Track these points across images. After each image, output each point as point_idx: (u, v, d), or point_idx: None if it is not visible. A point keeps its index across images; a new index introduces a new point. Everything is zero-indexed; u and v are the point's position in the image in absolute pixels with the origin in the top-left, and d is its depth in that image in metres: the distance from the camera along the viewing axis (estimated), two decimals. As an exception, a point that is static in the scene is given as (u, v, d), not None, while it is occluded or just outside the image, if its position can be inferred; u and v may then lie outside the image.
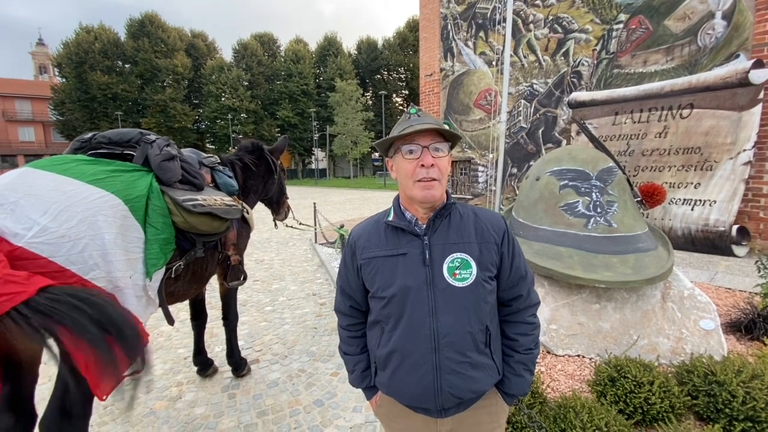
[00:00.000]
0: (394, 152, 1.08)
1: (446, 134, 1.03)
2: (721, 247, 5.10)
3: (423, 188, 1.01)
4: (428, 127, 0.99)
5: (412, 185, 1.02)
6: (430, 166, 1.00)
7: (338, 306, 1.23)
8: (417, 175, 1.00)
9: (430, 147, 1.00)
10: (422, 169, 1.00)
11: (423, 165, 1.00)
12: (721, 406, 1.77)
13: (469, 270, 1.02)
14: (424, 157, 1.00)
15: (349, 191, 26.01)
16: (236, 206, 2.21)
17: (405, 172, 1.03)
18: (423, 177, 1.00)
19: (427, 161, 0.99)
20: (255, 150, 2.82)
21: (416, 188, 1.02)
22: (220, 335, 3.48)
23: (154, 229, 1.67)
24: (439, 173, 1.01)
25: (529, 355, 1.12)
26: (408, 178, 1.02)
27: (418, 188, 1.01)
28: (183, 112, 40.47)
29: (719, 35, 5.31)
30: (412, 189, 1.03)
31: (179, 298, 2.07)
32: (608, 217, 2.68)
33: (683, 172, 5.53)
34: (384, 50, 48.70)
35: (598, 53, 6.72)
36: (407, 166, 1.02)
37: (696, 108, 5.40)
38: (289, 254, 7.11)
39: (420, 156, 1.00)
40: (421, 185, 1.01)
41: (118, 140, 1.83)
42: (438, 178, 1.01)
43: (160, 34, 39.66)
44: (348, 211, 14.01)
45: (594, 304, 2.63)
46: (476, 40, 8.66)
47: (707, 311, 2.47)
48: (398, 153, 1.05)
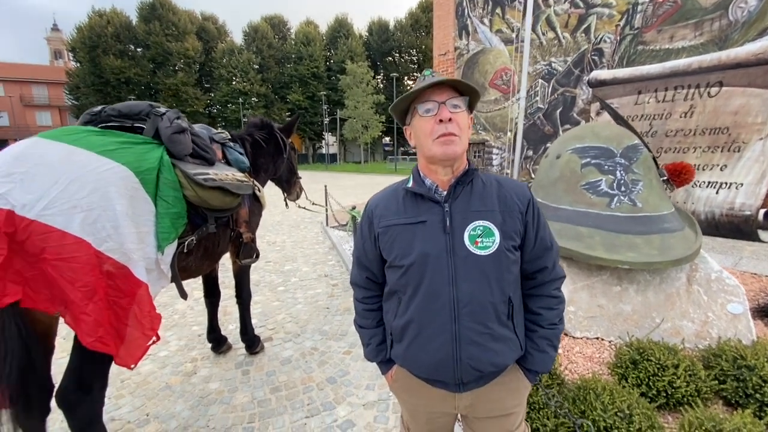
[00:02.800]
0: (411, 117, 1.03)
1: (463, 88, 0.97)
2: (747, 231, 4.91)
3: (442, 143, 0.96)
4: (443, 79, 0.94)
5: (431, 144, 0.97)
6: (449, 121, 0.94)
7: (354, 278, 1.20)
8: (436, 132, 0.96)
9: (447, 102, 0.96)
10: (441, 125, 0.95)
11: (441, 120, 0.95)
12: (751, 391, 1.70)
13: (491, 238, 0.97)
14: (441, 112, 0.95)
15: (359, 176, 25.91)
16: (248, 182, 2.17)
17: (423, 131, 0.98)
18: (441, 133, 0.95)
19: (445, 115, 0.95)
20: (265, 127, 2.77)
21: (436, 145, 0.97)
22: (233, 313, 3.51)
23: (165, 202, 1.64)
24: (458, 128, 0.96)
25: (554, 330, 1.06)
26: (427, 137, 0.97)
27: (437, 145, 0.96)
28: (195, 96, 40.60)
29: (752, 8, 4.98)
30: (431, 148, 0.97)
31: (192, 273, 2.06)
32: (633, 196, 2.57)
33: (709, 154, 5.29)
34: (396, 32, 47.68)
35: (621, 29, 6.40)
36: (425, 125, 0.97)
37: (725, 86, 5.12)
38: (300, 236, 7.13)
39: (437, 112, 0.95)
40: (440, 141, 0.96)
41: (127, 113, 1.79)
42: (458, 134, 0.95)
43: (170, 17, 39.47)
44: (359, 195, 13.98)
45: (615, 286, 2.54)
46: (492, 17, 8.34)
47: (736, 295, 2.37)
48: (415, 115, 1.00)
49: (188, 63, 40.52)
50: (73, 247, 1.30)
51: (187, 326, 3.34)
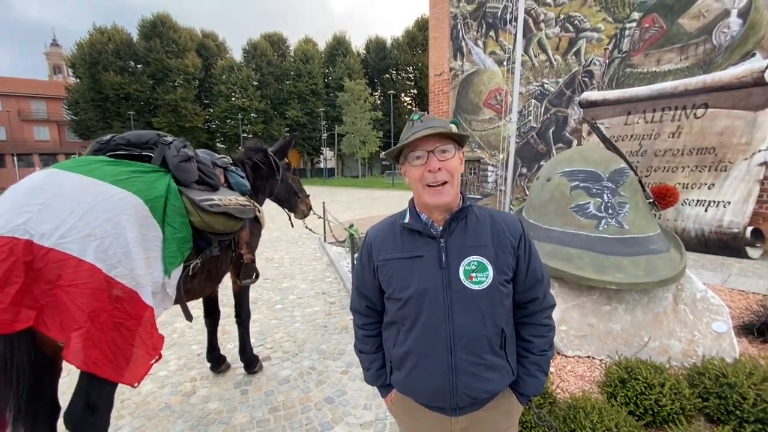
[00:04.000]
0: (403, 159, 1.09)
1: (452, 135, 1.03)
2: (735, 248, 5.03)
3: (433, 194, 1.02)
4: (429, 133, 0.99)
5: (422, 190, 1.04)
6: (437, 170, 1.00)
7: (354, 305, 1.25)
8: (425, 179, 1.02)
9: (435, 150, 1.00)
10: (430, 174, 1.01)
11: (430, 170, 1.01)
12: (732, 408, 1.77)
13: (485, 273, 1.03)
14: (430, 162, 1.01)
15: (357, 190, 26.06)
16: (250, 206, 2.26)
17: (414, 177, 1.05)
18: (431, 182, 1.01)
19: (434, 166, 1.00)
20: (260, 151, 2.87)
21: (426, 194, 1.03)
22: (232, 332, 3.55)
23: (172, 228, 1.72)
24: (448, 175, 1.01)
25: (544, 357, 1.13)
26: (417, 183, 1.04)
27: (428, 194, 1.03)
28: (194, 111, 40.99)
29: (735, 34, 5.22)
30: (422, 194, 1.04)
31: (195, 295, 2.13)
32: (620, 218, 2.67)
33: (697, 173, 5.46)
34: (393, 49, 48.65)
35: (610, 52, 6.65)
36: (415, 172, 1.04)
37: (710, 108, 5.32)
38: (298, 253, 7.18)
39: (426, 161, 1.01)
40: (430, 191, 1.02)
41: (135, 142, 1.89)
42: (448, 180, 1.02)
43: (171, 35, 40.17)
44: (357, 210, 14.05)
45: (605, 305, 2.62)
46: (486, 39, 8.63)
47: (720, 314, 2.45)
48: (407, 160, 1.06)
49: (188, 79, 41.07)
50: (87, 273, 1.37)
51: (186, 345, 3.37)
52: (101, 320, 1.39)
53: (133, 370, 1.51)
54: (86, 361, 1.37)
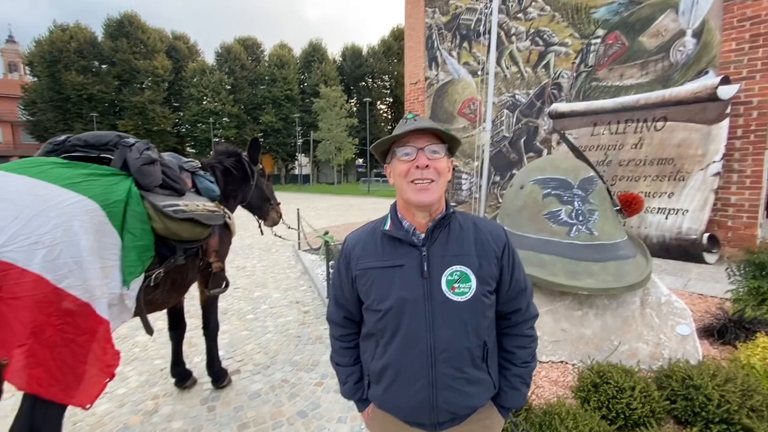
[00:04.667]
0: (390, 157, 1.04)
1: (443, 136, 1.00)
2: (694, 254, 5.29)
3: (417, 190, 0.97)
4: (424, 127, 0.96)
5: (406, 186, 0.99)
6: (425, 167, 0.96)
7: (331, 316, 1.19)
8: (411, 175, 0.98)
9: (425, 149, 0.97)
10: (417, 170, 0.97)
11: (417, 166, 0.97)
12: (698, 409, 1.82)
13: (468, 284, 0.99)
14: (419, 158, 0.97)
15: (333, 197, 25.88)
16: (219, 212, 2.16)
17: (400, 172, 1.00)
18: (417, 178, 0.97)
19: (422, 162, 0.96)
20: (232, 155, 2.77)
21: (410, 190, 0.98)
22: (199, 345, 3.37)
23: (132, 235, 1.61)
24: (435, 174, 0.97)
25: (526, 368, 1.10)
26: (402, 179, 0.99)
27: (411, 190, 0.98)
28: (162, 114, 39.66)
29: (690, 52, 5.56)
30: (406, 190, 0.99)
31: (158, 306, 2.00)
32: (589, 225, 2.75)
33: (658, 182, 5.73)
34: (368, 58, 49.04)
35: (577, 66, 6.94)
36: (402, 167, 0.99)
37: (669, 121, 5.62)
38: (271, 261, 7.00)
39: (415, 157, 0.97)
40: (414, 187, 0.98)
41: (94, 143, 1.76)
42: (434, 179, 0.98)
43: (139, 35, 38.86)
44: (332, 217, 13.92)
45: (576, 310, 2.67)
46: (460, 50, 8.82)
47: (683, 317, 2.55)
48: (394, 157, 1.02)
49: (156, 81, 39.77)
50: (31, 284, 1.25)
51: (149, 360, 3.17)
52: (47, 336, 1.26)
53: (85, 390, 1.38)
54: (29, 382, 1.24)
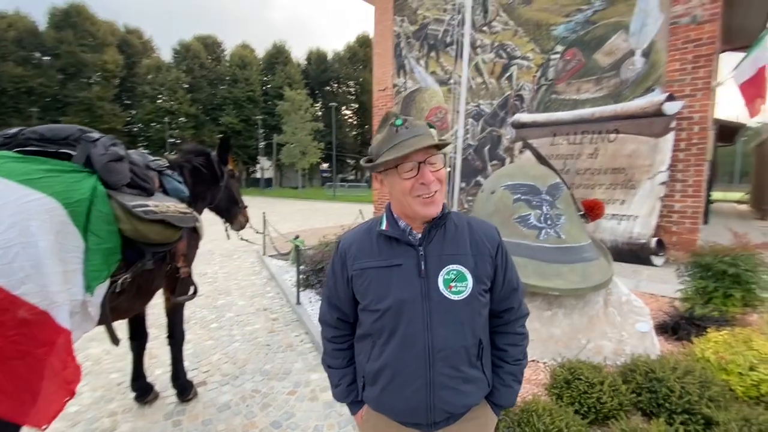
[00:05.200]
0: (384, 169, 1.01)
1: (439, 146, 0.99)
2: (643, 257, 5.70)
3: (424, 204, 0.97)
4: (425, 145, 0.94)
5: (411, 201, 0.97)
6: (431, 182, 0.96)
7: (324, 317, 1.17)
8: (416, 190, 0.96)
9: (426, 162, 0.95)
10: (423, 186, 0.96)
11: (423, 183, 0.95)
12: (662, 401, 1.95)
13: (464, 283, 1.00)
14: (423, 175, 0.95)
15: (297, 202, 25.42)
16: (190, 214, 2.04)
17: (402, 189, 0.97)
18: (423, 193, 0.96)
19: (428, 179, 0.95)
20: (201, 154, 2.65)
21: (416, 204, 0.97)
22: (159, 356, 3.17)
23: (96, 237, 1.49)
24: (438, 184, 0.98)
25: (518, 366, 1.12)
26: (406, 195, 0.98)
27: (419, 204, 0.97)
28: (112, 112, 37.29)
29: (639, 70, 6.04)
30: (412, 206, 0.98)
31: (122, 314, 1.85)
32: (557, 229, 2.88)
33: (611, 190, 6.14)
34: (334, 63, 48.99)
35: (538, 79, 7.31)
36: (405, 185, 0.97)
37: (621, 133, 6.05)
38: (234, 267, 6.73)
39: (418, 173, 0.95)
40: (421, 201, 0.97)
41: (51, 137, 1.61)
42: (438, 189, 0.98)
43: (88, 27, 36.39)
44: (297, 221, 13.65)
45: (546, 311, 2.78)
46: (428, 59, 9.02)
47: (642, 315, 2.73)
48: (392, 171, 0.98)
49: (106, 77, 37.33)
50: None
51: (104, 374, 2.92)
52: None
53: (42, 408, 1.24)
54: None
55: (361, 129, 52.68)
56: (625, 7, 6.09)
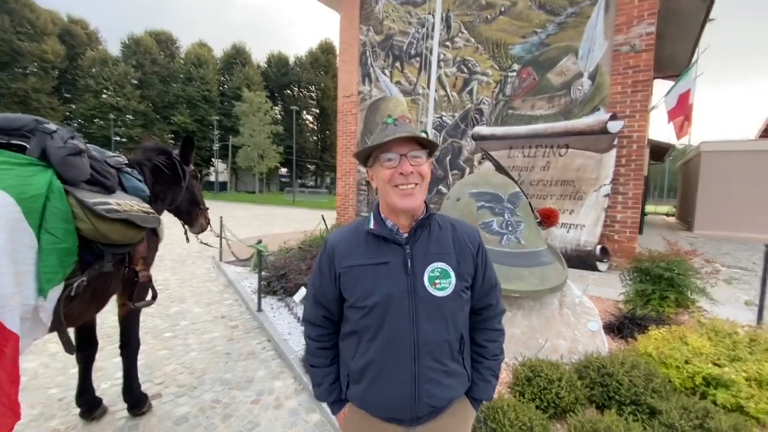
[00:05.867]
0: (373, 161, 1.08)
1: (424, 142, 1.05)
2: (590, 263, 6.14)
3: (402, 195, 1.02)
4: (406, 136, 1.01)
5: (390, 190, 1.03)
6: (410, 173, 1.01)
7: (308, 316, 1.17)
8: (395, 180, 1.02)
9: (408, 155, 1.02)
10: (401, 177, 1.01)
11: (402, 173, 1.01)
12: (612, 393, 2.11)
13: (448, 280, 1.05)
14: (402, 165, 1.01)
15: (254, 206, 24.60)
16: (154, 214, 1.94)
17: (383, 178, 1.03)
18: (401, 183, 1.01)
19: (406, 169, 1.01)
20: (162, 152, 2.53)
21: (395, 194, 1.02)
22: (105, 368, 2.95)
23: (51, 236, 1.38)
24: (419, 177, 1.03)
25: (496, 361, 1.18)
26: (386, 183, 1.03)
27: (396, 195, 1.02)
28: (50, 105, 34.19)
29: (586, 91, 6.56)
30: (390, 195, 1.03)
31: (74, 321, 1.71)
32: (517, 234, 3.04)
33: (561, 201, 6.57)
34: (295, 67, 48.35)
35: (496, 95, 7.70)
36: (385, 173, 1.03)
37: (570, 148, 6.51)
38: (188, 273, 6.40)
39: (399, 164, 1.01)
40: (399, 192, 1.02)
41: (4, 127, 1.48)
42: (418, 182, 1.03)
43: (26, 14, 33.29)
44: (255, 227, 13.22)
45: (507, 312, 2.91)
46: (392, 69, 9.20)
47: (592, 315, 2.94)
48: (377, 162, 1.05)
49: (44, 67, 34.24)
50: None
51: (42, 389, 2.65)
52: None
53: None
54: None
55: (322, 134, 52.31)
56: (575, 33, 6.61)
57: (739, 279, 5.93)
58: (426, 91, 8.49)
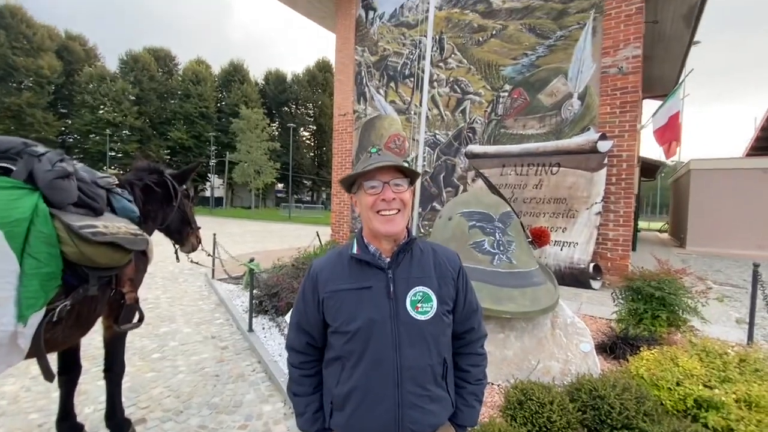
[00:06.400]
0: (357, 188, 1.11)
1: (405, 171, 1.10)
2: (583, 281, 6.14)
3: (384, 221, 1.05)
4: (388, 164, 1.05)
5: (373, 216, 1.06)
6: (392, 200, 1.05)
7: (292, 343, 1.17)
8: (377, 206, 1.05)
9: (390, 182, 1.06)
10: (383, 203, 1.05)
11: (384, 199, 1.05)
12: (604, 417, 2.09)
13: (430, 303, 1.07)
14: (384, 192, 1.05)
15: (249, 222, 24.52)
16: (142, 235, 1.93)
17: (366, 204, 1.07)
18: (383, 209, 1.05)
19: (388, 196, 1.05)
20: (154, 172, 2.54)
21: (377, 221, 1.06)
22: (89, 392, 2.88)
23: (34, 261, 1.37)
24: (401, 204, 1.07)
25: (479, 386, 1.18)
26: (368, 210, 1.06)
27: (378, 221, 1.05)
28: (44, 120, 34.26)
29: (576, 111, 6.70)
30: (373, 221, 1.06)
31: (56, 346, 1.68)
32: (509, 254, 3.05)
33: (554, 218, 6.62)
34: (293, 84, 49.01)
35: (488, 114, 7.83)
36: (368, 199, 1.06)
37: (562, 167, 6.61)
38: (179, 291, 6.32)
39: (381, 191, 1.05)
40: (381, 218, 1.05)
41: None
42: (400, 209, 1.07)
43: (23, 29, 33.71)
44: (249, 243, 13.15)
45: (499, 333, 2.90)
46: (387, 89, 9.36)
47: (584, 336, 2.93)
48: (361, 188, 1.09)
49: (40, 83, 34.44)
50: None
51: (22, 414, 2.57)
52: None
53: None
54: None
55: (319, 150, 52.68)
56: (564, 55, 6.79)
57: (731, 297, 5.96)
58: (419, 110, 8.64)
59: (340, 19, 10.02)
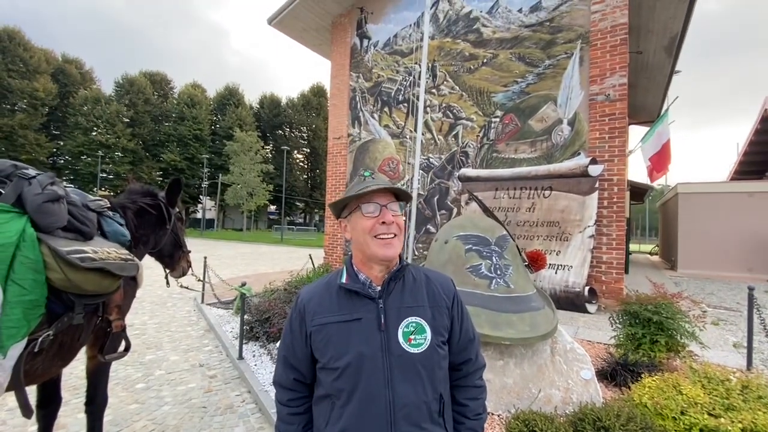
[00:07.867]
0: (349, 212, 1.07)
1: (400, 195, 1.08)
2: (578, 305, 6.10)
3: (383, 245, 1.01)
4: (387, 187, 1.03)
5: (370, 241, 1.02)
6: (391, 223, 1.02)
7: (279, 379, 1.10)
8: (376, 230, 1.01)
9: (388, 206, 1.03)
10: (383, 226, 1.01)
11: (384, 222, 1.01)
12: (609, 450, 2.01)
13: (423, 335, 1.01)
14: (384, 215, 1.02)
15: (240, 245, 24.23)
16: (133, 260, 1.87)
17: (363, 228, 1.03)
18: (382, 233, 1.01)
19: (388, 218, 1.02)
20: (147, 195, 2.49)
21: (375, 245, 1.01)
22: (69, 426, 2.73)
23: (18, 287, 1.31)
24: (398, 228, 1.04)
25: (479, 421, 1.12)
26: (366, 234, 1.02)
27: (377, 245, 1.01)
28: (36, 142, 34.10)
29: (566, 137, 6.85)
30: (370, 246, 1.02)
31: (36, 378, 1.58)
32: (506, 278, 3.02)
33: (548, 241, 6.64)
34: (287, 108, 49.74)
35: (480, 139, 7.98)
36: (366, 223, 1.02)
37: (554, 190, 6.69)
38: (167, 316, 6.13)
39: (380, 214, 1.02)
40: (380, 242, 1.01)
41: None
42: (397, 233, 1.04)
43: (20, 53, 34.03)
44: (240, 266, 12.94)
45: (498, 360, 2.83)
46: (381, 113, 9.52)
47: (585, 362, 2.87)
48: (355, 212, 1.05)
49: (34, 104, 34.49)
50: None
51: (-7, 453, 2.42)
52: None
53: None
54: None
55: (312, 173, 52.96)
56: (553, 83, 7.01)
57: (726, 320, 5.95)
58: (413, 134, 8.76)
59: (336, 47, 10.29)
